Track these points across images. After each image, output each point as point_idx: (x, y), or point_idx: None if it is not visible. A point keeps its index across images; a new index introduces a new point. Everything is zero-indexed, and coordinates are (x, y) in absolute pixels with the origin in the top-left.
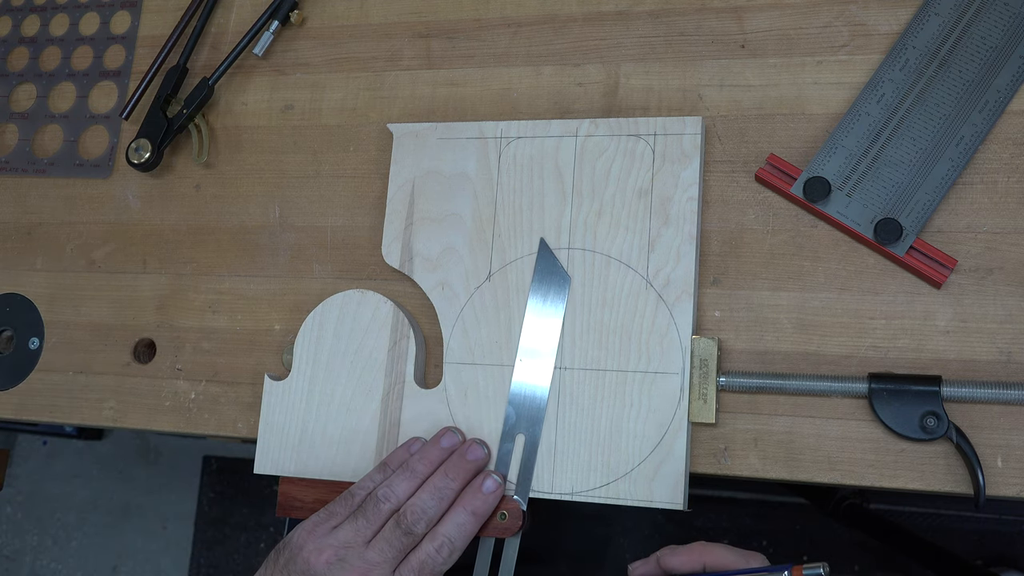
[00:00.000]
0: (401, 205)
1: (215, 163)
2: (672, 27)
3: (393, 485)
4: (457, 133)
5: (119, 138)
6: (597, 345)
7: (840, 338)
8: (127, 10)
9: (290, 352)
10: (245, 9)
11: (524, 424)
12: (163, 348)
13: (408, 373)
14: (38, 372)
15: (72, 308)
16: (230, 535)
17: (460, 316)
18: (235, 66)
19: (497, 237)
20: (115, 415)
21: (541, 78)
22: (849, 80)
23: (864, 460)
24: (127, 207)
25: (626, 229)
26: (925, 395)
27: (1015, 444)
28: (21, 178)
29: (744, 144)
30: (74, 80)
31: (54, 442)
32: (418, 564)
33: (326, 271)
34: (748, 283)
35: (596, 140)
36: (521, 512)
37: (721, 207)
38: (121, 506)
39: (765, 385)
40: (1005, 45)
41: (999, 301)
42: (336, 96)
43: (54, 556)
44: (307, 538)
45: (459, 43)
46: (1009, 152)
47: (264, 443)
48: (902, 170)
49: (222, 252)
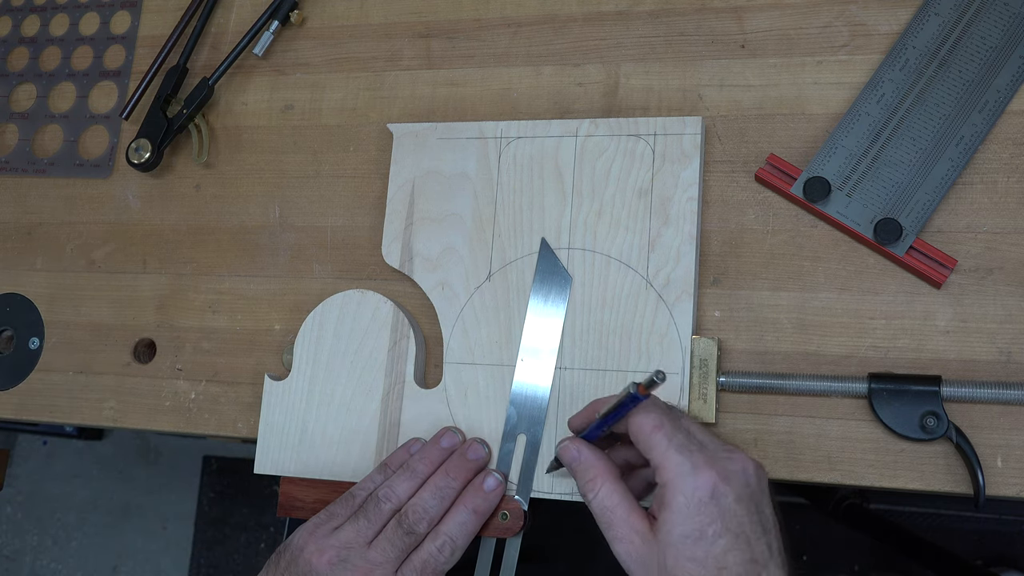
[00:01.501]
0: (401, 205)
1: (215, 163)
2: (672, 27)
3: (394, 485)
4: (457, 133)
5: (119, 138)
6: (597, 345)
7: (840, 338)
8: (127, 10)
9: (290, 352)
10: (245, 9)
11: (525, 424)
12: (163, 348)
13: (408, 373)
14: (38, 372)
15: (72, 308)
16: (230, 535)
17: (460, 316)
18: (235, 66)
19: (497, 237)
20: (115, 415)
21: (541, 78)
22: (849, 80)
23: (864, 460)
24: (127, 207)
25: (626, 229)
26: (925, 395)
27: (1015, 444)
28: (21, 178)
29: (744, 144)
30: (74, 80)
31: (54, 442)
32: (420, 563)
33: (326, 271)
34: (748, 283)
35: (596, 140)
36: (522, 512)
37: (721, 207)
38: (121, 506)
39: (765, 385)
40: (1005, 45)
41: (999, 301)
42: (336, 96)
43: (54, 556)
44: (308, 539)
45: (459, 43)
46: (1009, 152)
47: (264, 443)
48: (902, 170)
49: (222, 252)
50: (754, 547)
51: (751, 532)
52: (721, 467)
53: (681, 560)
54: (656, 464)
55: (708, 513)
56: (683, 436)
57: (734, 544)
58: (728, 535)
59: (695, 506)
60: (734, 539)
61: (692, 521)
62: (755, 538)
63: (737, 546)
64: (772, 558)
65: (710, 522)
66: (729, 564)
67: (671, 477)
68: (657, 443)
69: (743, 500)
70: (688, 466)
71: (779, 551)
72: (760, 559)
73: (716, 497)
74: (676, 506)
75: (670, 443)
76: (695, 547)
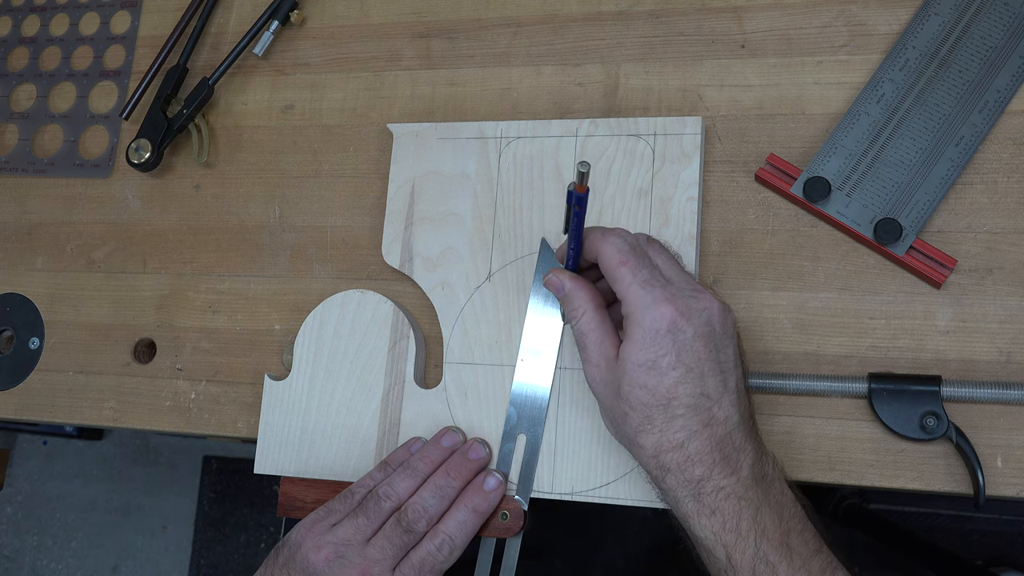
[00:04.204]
0: (401, 205)
1: (215, 163)
2: (672, 27)
3: (394, 483)
4: (457, 133)
5: (119, 138)
6: None
7: (840, 338)
8: (127, 10)
9: (290, 352)
10: (245, 9)
11: (525, 424)
12: (163, 348)
13: (408, 373)
14: (38, 372)
15: (72, 308)
16: (230, 535)
17: (460, 316)
18: (235, 66)
19: (497, 237)
20: (115, 415)
21: (541, 78)
22: (849, 80)
23: (864, 460)
24: (127, 207)
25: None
26: (925, 395)
27: (1015, 444)
28: (21, 178)
29: (744, 144)
30: (74, 80)
31: (54, 442)
32: (418, 562)
33: (326, 271)
34: (748, 283)
35: (596, 140)
36: (522, 512)
37: (721, 207)
38: (121, 506)
39: (765, 385)
40: (1005, 45)
41: (999, 301)
42: (336, 96)
43: (54, 556)
44: (306, 535)
45: (459, 43)
46: (1009, 152)
47: (264, 443)
48: (902, 170)
49: (222, 252)
50: (707, 382)
51: (707, 369)
52: (684, 304)
53: (634, 387)
54: (620, 297)
55: (662, 345)
56: (647, 272)
57: (685, 377)
58: (680, 367)
59: (651, 337)
60: (686, 371)
61: (647, 351)
62: (710, 375)
63: (688, 379)
64: (726, 394)
65: (664, 354)
66: (679, 395)
67: (632, 310)
68: (621, 277)
69: (701, 337)
70: (648, 300)
71: (736, 390)
72: (712, 395)
73: (673, 331)
74: (634, 336)
75: (634, 278)
76: (647, 375)
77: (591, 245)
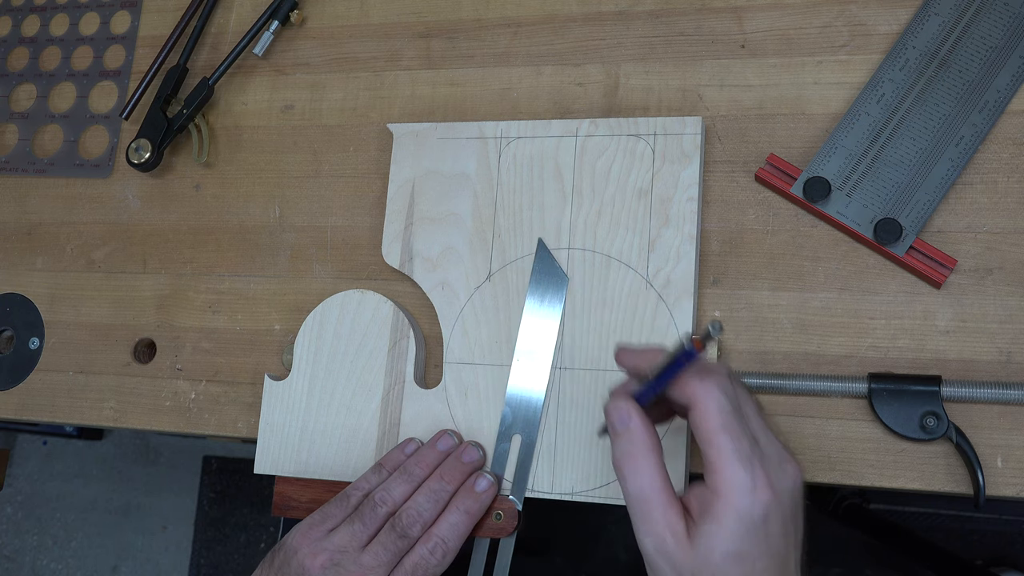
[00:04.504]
0: (401, 205)
1: (215, 163)
2: (672, 27)
3: (390, 488)
4: (457, 133)
5: (119, 138)
6: (597, 345)
7: (840, 338)
8: (127, 10)
9: (290, 352)
10: (245, 9)
11: (520, 425)
12: (163, 348)
13: (408, 373)
14: (38, 372)
15: (72, 308)
16: (230, 535)
17: (460, 316)
18: (235, 66)
19: (497, 237)
20: (115, 415)
21: (541, 78)
22: (849, 80)
23: (864, 460)
24: (127, 207)
25: (626, 229)
26: (925, 395)
27: (1015, 444)
28: (21, 178)
29: (744, 144)
30: (74, 80)
31: (54, 442)
32: (412, 566)
33: (326, 271)
34: (748, 283)
35: (596, 140)
36: (516, 512)
37: (721, 207)
38: (121, 506)
39: (765, 385)
40: (1005, 45)
41: (999, 301)
42: (336, 96)
43: (54, 556)
44: (302, 541)
45: (459, 43)
46: (1009, 152)
47: (264, 443)
48: (902, 170)
49: (222, 252)
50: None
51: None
52: (776, 481)
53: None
54: (711, 464)
55: (756, 536)
56: (748, 443)
57: (770, 565)
58: (766, 558)
59: (746, 528)
60: (770, 560)
61: (740, 542)
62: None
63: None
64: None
65: (756, 544)
66: None
67: (727, 490)
68: (720, 445)
69: (787, 520)
70: (748, 484)
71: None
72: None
73: (767, 521)
74: (726, 522)
75: (735, 451)
76: (734, 567)
77: (683, 389)
